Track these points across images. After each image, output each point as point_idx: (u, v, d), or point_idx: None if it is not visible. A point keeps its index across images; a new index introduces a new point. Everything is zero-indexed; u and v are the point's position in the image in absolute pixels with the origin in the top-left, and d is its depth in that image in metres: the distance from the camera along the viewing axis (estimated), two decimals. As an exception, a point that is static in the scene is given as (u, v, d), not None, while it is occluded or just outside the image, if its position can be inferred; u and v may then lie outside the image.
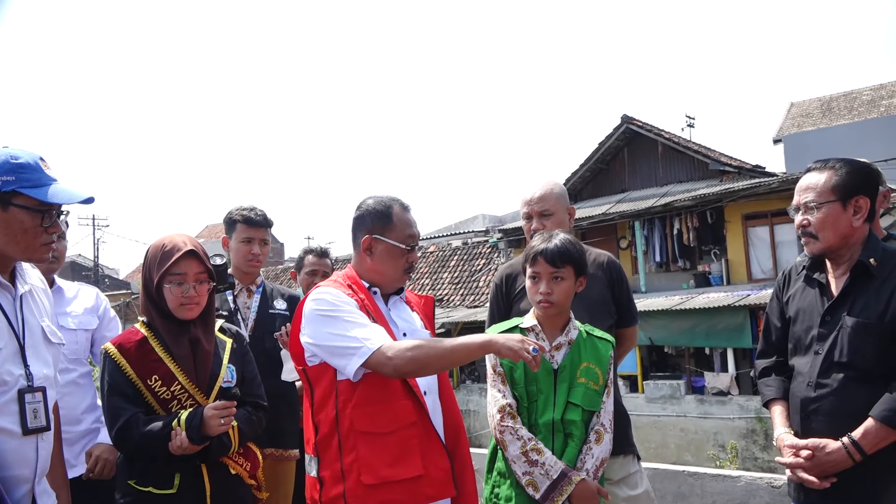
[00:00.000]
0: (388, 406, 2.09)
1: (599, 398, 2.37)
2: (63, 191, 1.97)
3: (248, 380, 2.49)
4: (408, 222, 2.33)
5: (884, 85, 26.03)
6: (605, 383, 2.40)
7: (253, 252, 3.35)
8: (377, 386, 2.13)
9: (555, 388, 2.34)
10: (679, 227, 17.02)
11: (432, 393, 2.27)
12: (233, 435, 2.32)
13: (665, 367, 17.09)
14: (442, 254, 22.74)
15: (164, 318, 2.35)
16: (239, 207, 3.43)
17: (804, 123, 25.24)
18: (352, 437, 2.08)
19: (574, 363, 2.36)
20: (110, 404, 2.27)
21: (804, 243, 2.30)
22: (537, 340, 2.38)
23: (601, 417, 2.37)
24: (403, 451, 2.08)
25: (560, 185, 3.05)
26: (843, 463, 2.10)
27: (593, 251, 3.05)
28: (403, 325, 2.32)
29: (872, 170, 2.33)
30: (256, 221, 3.37)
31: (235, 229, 3.38)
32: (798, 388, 2.29)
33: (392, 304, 2.37)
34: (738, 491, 3.58)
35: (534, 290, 2.38)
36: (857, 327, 2.14)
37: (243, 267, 3.37)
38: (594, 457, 2.32)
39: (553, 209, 2.94)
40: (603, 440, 2.35)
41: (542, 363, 2.36)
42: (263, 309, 3.36)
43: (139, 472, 2.27)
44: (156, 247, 2.39)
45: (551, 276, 2.34)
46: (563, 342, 2.39)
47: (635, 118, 18.64)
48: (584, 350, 2.40)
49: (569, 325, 2.42)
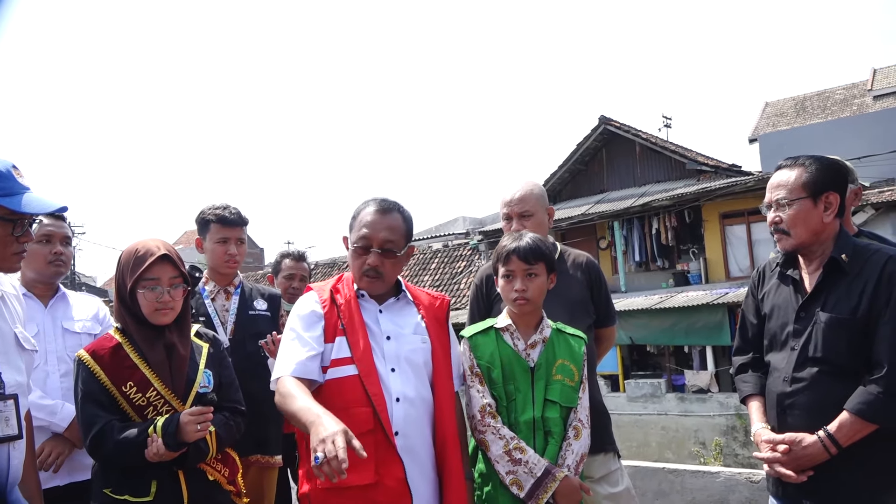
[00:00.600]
0: (346, 413, 2.05)
1: (576, 394, 2.39)
2: (36, 200, 1.95)
3: (225, 385, 2.46)
4: (365, 224, 2.27)
5: (856, 84, 26.45)
6: (580, 379, 2.42)
7: (229, 252, 3.22)
8: (338, 392, 2.14)
9: (532, 387, 2.35)
10: (657, 227, 17.17)
11: (407, 401, 2.18)
12: (210, 441, 2.29)
13: (646, 365, 17.22)
14: (423, 257, 22.72)
15: (138, 324, 2.32)
16: (212, 206, 3.28)
17: (779, 122, 25.57)
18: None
19: (549, 361, 2.38)
20: (84, 412, 2.24)
21: (777, 240, 2.33)
22: (512, 339, 2.41)
23: (578, 413, 2.39)
24: (358, 459, 2.04)
25: (539, 186, 3.06)
26: (819, 456, 2.12)
27: (572, 252, 3.06)
28: (389, 329, 2.27)
29: (842, 166, 2.37)
30: (231, 220, 3.23)
31: (209, 230, 3.24)
32: (774, 383, 2.31)
33: (387, 306, 2.32)
34: (718, 486, 3.62)
35: (508, 289, 2.40)
36: (831, 322, 2.17)
37: (220, 268, 3.25)
38: (574, 452, 2.34)
39: (533, 210, 2.95)
40: (581, 436, 2.37)
41: (519, 361, 2.37)
42: (243, 311, 3.24)
43: (115, 480, 2.23)
44: (129, 252, 2.35)
45: (525, 273, 2.37)
46: (538, 340, 2.41)
47: (613, 119, 18.76)
48: (559, 347, 2.42)
49: (542, 324, 2.45)
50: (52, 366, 2.77)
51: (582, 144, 19.08)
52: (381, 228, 2.26)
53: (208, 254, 3.27)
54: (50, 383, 2.74)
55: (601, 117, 18.71)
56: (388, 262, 2.27)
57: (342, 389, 2.13)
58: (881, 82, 25.08)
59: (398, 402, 2.16)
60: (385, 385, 2.17)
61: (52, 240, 2.86)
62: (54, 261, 2.86)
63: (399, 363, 2.22)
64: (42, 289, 2.90)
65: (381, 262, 2.26)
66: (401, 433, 2.14)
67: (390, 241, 2.27)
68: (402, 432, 2.14)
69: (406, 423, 2.16)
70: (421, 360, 2.26)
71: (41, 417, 2.58)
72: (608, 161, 19.25)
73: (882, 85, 24.81)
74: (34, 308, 2.84)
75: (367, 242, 2.25)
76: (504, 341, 2.41)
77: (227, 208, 3.26)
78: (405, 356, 2.23)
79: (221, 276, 3.27)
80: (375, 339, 2.23)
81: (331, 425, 1.80)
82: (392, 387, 2.17)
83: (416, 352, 2.26)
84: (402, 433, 2.14)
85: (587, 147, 19.15)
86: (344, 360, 2.17)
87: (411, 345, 2.26)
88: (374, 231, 2.26)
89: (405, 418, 2.16)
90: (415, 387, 2.21)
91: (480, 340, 2.42)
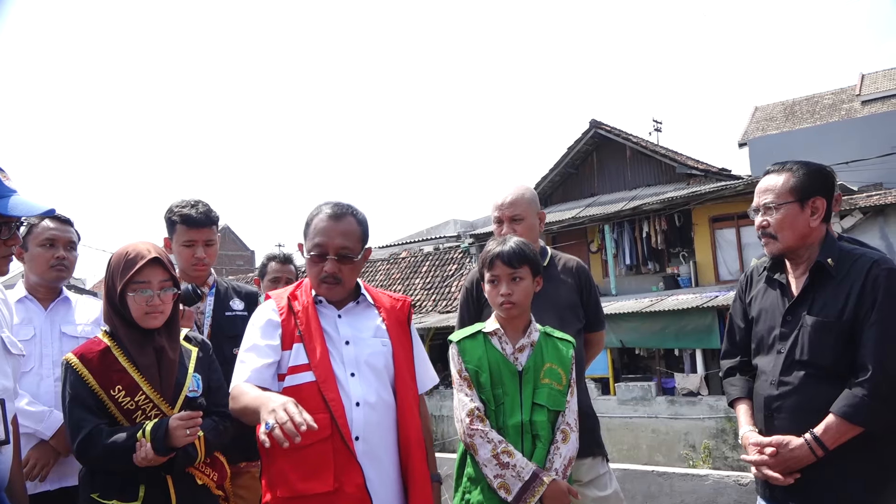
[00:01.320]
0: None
1: (564, 398, 2.40)
2: (23, 203, 1.94)
3: (213, 389, 2.45)
4: (318, 231, 2.25)
5: (844, 89, 26.66)
6: (568, 383, 2.43)
7: (196, 256, 3.00)
8: (296, 399, 2.06)
9: (520, 390, 2.35)
10: (648, 231, 17.23)
11: (368, 405, 2.16)
12: (199, 445, 2.28)
13: (636, 368, 17.26)
14: (414, 260, 22.71)
15: (127, 327, 2.31)
16: (179, 203, 3.04)
17: (768, 127, 25.74)
18: (273, 449, 1.97)
19: (537, 365, 2.39)
20: (72, 416, 2.22)
21: (764, 244, 2.35)
22: (500, 343, 2.42)
23: (566, 417, 2.40)
24: (317, 466, 2.06)
25: (531, 190, 3.05)
26: (806, 459, 2.14)
27: (563, 256, 3.07)
28: (348, 333, 2.26)
29: (828, 172, 2.39)
30: (197, 221, 2.98)
31: (176, 230, 3.01)
32: (761, 386, 2.33)
33: (346, 310, 2.31)
34: (707, 489, 3.63)
35: (494, 293, 2.41)
36: (817, 326, 2.19)
37: (189, 272, 3.05)
38: (562, 456, 2.34)
39: (524, 214, 2.95)
40: (570, 439, 2.38)
41: (507, 365, 2.38)
42: (219, 312, 3.06)
43: (102, 485, 2.22)
44: (119, 255, 2.34)
45: (510, 277, 2.39)
46: (526, 344, 2.42)
47: (604, 123, 18.83)
48: (546, 351, 2.43)
49: (530, 327, 2.46)
50: (47, 369, 2.75)
51: (573, 148, 19.14)
52: (336, 235, 2.25)
53: (176, 256, 3.06)
54: (43, 387, 2.72)
55: (592, 121, 18.78)
56: (346, 267, 2.27)
57: (300, 396, 2.09)
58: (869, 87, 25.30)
59: (358, 406, 2.15)
60: (344, 390, 2.15)
61: (56, 244, 2.85)
62: (56, 265, 2.85)
63: (359, 367, 2.21)
64: (44, 292, 2.88)
65: (339, 268, 2.25)
66: (361, 438, 2.13)
67: (346, 247, 2.26)
68: (362, 437, 2.13)
69: (367, 428, 2.14)
70: (381, 363, 2.25)
71: (27, 424, 2.56)
72: (599, 165, 19.31)
73: (870, 90, 25.03)
74: (34, 311, 2.83)
75: (322, 250, 2.25)
76: (492, 345, 2.41)
77: (195, 206, 3.03)
78: (365, 360, 2.22)
79: (191, 279, 3.07)
80: (334, 344, 2.22)
81: (279, 398, 1.87)
82: (352, 391, 2.16)
83: (375, 355, 2.25)
84: (362, 438, 2.13)
85: (578, 151, 19.21)
86: (301, 367, 2.17)
87: (371, 348, 2.25)
88: (329, 238, 2.24)
89: (365, 423, 2.14)
90: (376, 390, 2.20)
91: (468, 345, 2.42)
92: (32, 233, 2.85)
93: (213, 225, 3.08)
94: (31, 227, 2.86)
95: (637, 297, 16.82)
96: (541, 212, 3.06)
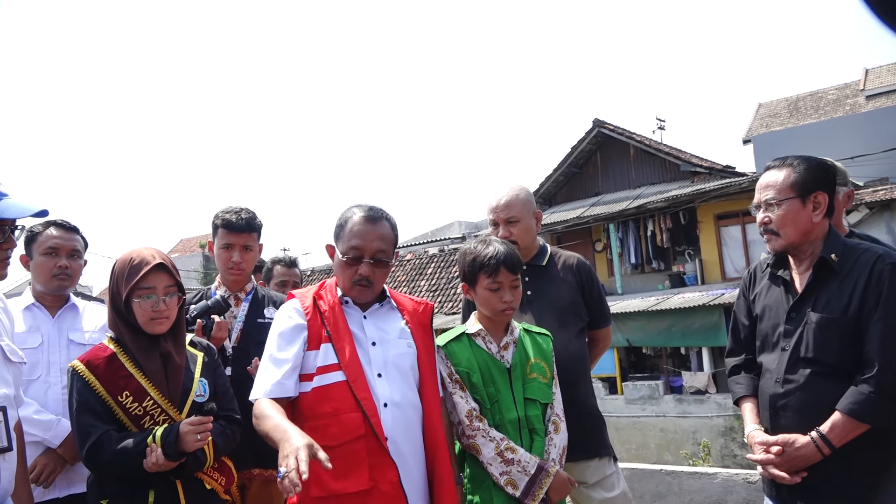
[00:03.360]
0: (337, 419, 2.08)
1: (550, 390, 2.45)
2: (14, 205, 1.96)
3: (220, 393, 2.46)
4: (355, 234, 2.25)
5: (848, 84, 26.55)
6: (552, 375, 2.48)
7: (233, 260, 3.02)
8: (326, 399, 2.13)
9: (511, 387, 2.39)
10: (653, 229, 17.20)
11: (395, 406, 2.17)
12: (208, 450, 2.29)
13: (643, 367, 17.22)
14: (419, 262, 22.71)
15: (133, 333, 2.32)
16: (225, 209, 3.09)
17: (772, 123, 25.64)
18: None
19: (523, 360, 2.43)
20: (80, 422, 2.22)
21: (766, 240, 2.35)
22: (485, 343, 2.44)
23: (554, 408, 2.45)
24: (352, 464, 2.06)
25: (525, 190, 3.00)
26: (812, 457, 2.13)
27: (563, 254, 3.04)
28: (374, 334, 2.26)
29: (830, 166, 2.38)
30: (237, 226, 3.02)
31: (217, 234, 3.07)
32: (766, 384, 2.32)
33: (371, 312, 2.31)
34: (715, 488, 3.62)
35: (497, 299, 2.42)
36: (822, 323, 2.18)
37: (225, 275, 3.08)
38: (557, 446, 2.39)
39: (519, 216, 2.91)
40: (560, 429, 2.44)
41: (495, 363, 2.41)
42: (251, 318, 3.05)
43: (111, 491, 2.23)
44: (123, 261, 2.35)
45: (512, 283, 2.42)
46: (510, 341, 2.46)
47: (607, 122, 18.81)
48: (529, 346, 2.47)
49: (510, 325, 2.50)
50: (55, 377, 2.76)
51: (576, 147, 19.12)
52: (373, 238, 2.25)
53: (215, 259, 3.11)
54: (51, 395, 2.73)
55: (595, 120, 18.76)
56: (379, 271, 2.27)
57: (330, 396, 2.13)
58: (873, 82, 25.19)
59: (385, 407, 2.15)
60: (373, 390, 2.16)
61: (59, 253, 2.85)
62: (59, 274, 2.85)
63: (386, 368, 2.21)
64: (51, 300, 2.89)
65: (373, 271, 2.26)
66: (390, 438, 2.13)
67: (382, 251, 2.26)
68: (390, 437, 2.13)
69: (394, 428, 2.14)
70: (407, 364, 2.25)
71: (35, 433, 2.56)
72: (603, 164, 19.29)
73: (874, 85, 24.91)
74: (41, 319, 2.84)
75: (358, 253, 2.24)
76: (477, 346, 2.44)
77: (238, 212, 3.07)
78: (392, 361, 2.23)
79: (230, 283, 3.11)
80: (361, 344, 2.23)
81: (296, 440, 1.81)
82: (379, 392, 2.16)
83: (402, 356, 2.25)
84: (390, 438, 2.13)
85: (582, 150, 19.19)
86: (331, 367, 2.17)
87: (397, 349, 2.26)
88: (366, 241, 2.24)
89: (393, 423, 2.14)
90: (402, 391, 2.20)
91: (455, 347, 2.44)
92: (36, 241, 2.85)
93: (254, 232, 3.09)
94: (35, 235, 2.86)
95: (643, 296, 16.79)
96: (537, 211, 3.02)
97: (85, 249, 3.02)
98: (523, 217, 2.92)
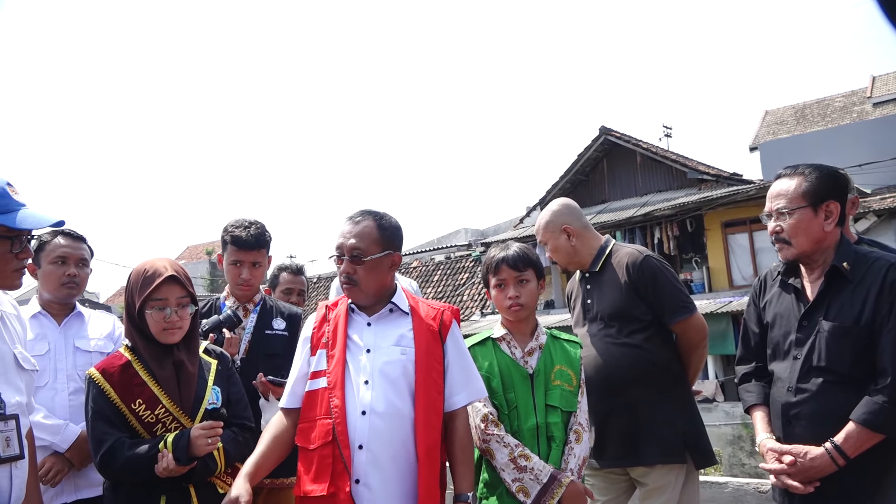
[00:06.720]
0: (314, 423, 2.17)
1: (575, 398, 2.43)
2: (32, 216, 1.97)
3: (233, 401, 2.48)
4: (337, 234, 2.33)
5: (855, 91, 26.49)
6: (578, 384, 2.46)
7: (242, 277, 3.02)
8: (312, 404, 2.22)
9: (532, 393, 2.38)
10: (659, 237, 17.16)
11: (375, 414, 2.14)
12: (218, 456, 2.31)
13: (651, 375, 17.12)
14: (425, 269, 22.73)
15: (147, 342, 2.34)
16: (234, 223, 3.08)
17: (779, 131, 25.60)
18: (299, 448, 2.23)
19: (547, 367, 2.42)
20: (94, 430, 2.26)
21: (778, 249, 2.34)
22: (509, 348, 2.45)
23: (578, 417, 2.43)
24: (321, 469, 2.12)
25: (550, 212, 3.02)
26: (827, 468, 2.12)
27: (621, 251, 2.93)
28: (371, 342, 2.25)
29: (841, 175, 2.37)
30: (246, 242, 3.00)
31: (227, 249, 3.06)
32: (778, 393, 2.31)
33: (376, 318, 2.30)
34: (726, 497, 3.61)
35: (501, 297, 2.46)
36: (834, 331, 2.17)
37: (234, 290, 3.10)
38: (576, 456, 2.37)
39: (544, 239, 3.02)
40: (582, 439, 2.41)
41: (518, 368, 2.41)
42: (260, 329, 3.05)
43: (125, 499, 2.25)
44: (137, 272, 2.38)
45: (516, 280, 2.44)
46: (535, 347, 2.46)
47: (613, 129, 18.80)
48: (555, 353, 2.46)
49: (537, 330, 2.49)
50: (62, 384, 2.78)
51: (583, 155, 19.12)
52: (350, 236, 2.28)
53: (225, 273, 3.13)
54: (58, 401, 2.75)
55: (601, 128, 18.76)
56: (360, 268, 2.26)
57: (314, 401, 2.20)
58: (880, 89, 25.13)
59: (364, 415, 2.13)
60: (354, 398, 2.16)
61: (67, 262, 2.88)
62: (67, 283, 2.87)
63: (373, 376, 2.19)
64: (58, 308, 2.92)
65: (353, 269, 2.27)
66: (366, 446, 2.11)
67: (357, 248, 2.25)
68: (366, 445, 2.11)
69: (371, 436, 2.11)
70: (397, 372, 2.19)
71: (43, 437, 2.59)
72: (609, 171, 19.27)
73: (881, 92, 24.85)
74: (48, 326, 2.86)
75: (338, 251, 2.31)
76: (501, 350, 2.45)
77: (247, 228, 3.05)
78: (379, 369, 2.20)
79: (239, 296, 3.12)
80: (353, 352, 2.24)
81: (233, 489, 2.09)
82: (361, 399, 2.15)
83: (391, 364, 2.20)
84: (366, 446, 2.11)
85: (588, 157, 19.18)
86: (320, 373, 2.23)
87: (387, 357, 2.22)
88: (343, 239, 2.30)
89: (370, 431, 2.12)
90: (388, 400, 2.15)
91: (479, 351, 2.45)
92: (44, 250, 2.88)
93: (263, 248, 3.09)
94: (44, 244, 2.89)
95: (650, 304, 16.70)
96: (566, 226, 2.96)
97: (91, 258, 3.06)
98: (549, 239, 3.00)
